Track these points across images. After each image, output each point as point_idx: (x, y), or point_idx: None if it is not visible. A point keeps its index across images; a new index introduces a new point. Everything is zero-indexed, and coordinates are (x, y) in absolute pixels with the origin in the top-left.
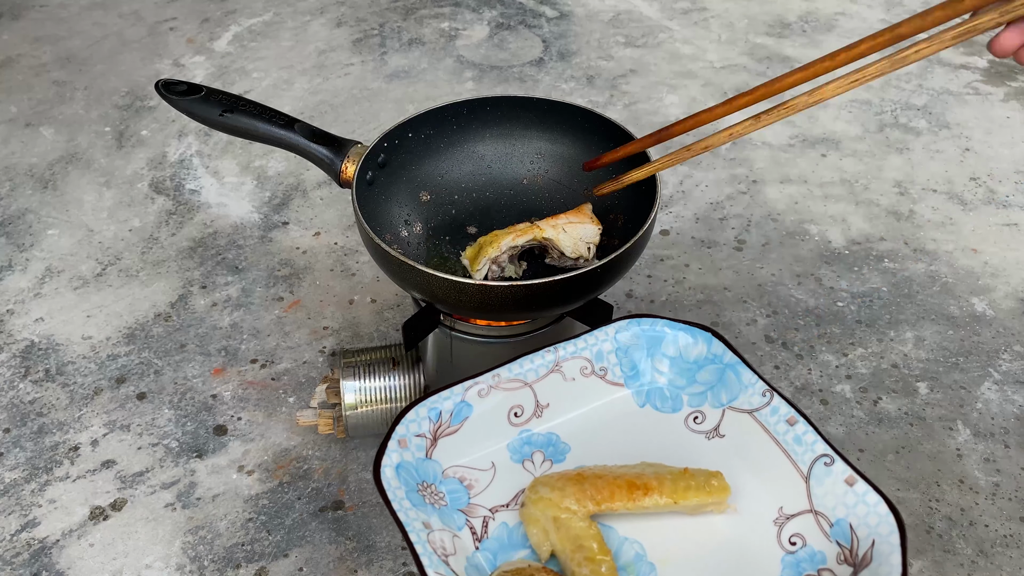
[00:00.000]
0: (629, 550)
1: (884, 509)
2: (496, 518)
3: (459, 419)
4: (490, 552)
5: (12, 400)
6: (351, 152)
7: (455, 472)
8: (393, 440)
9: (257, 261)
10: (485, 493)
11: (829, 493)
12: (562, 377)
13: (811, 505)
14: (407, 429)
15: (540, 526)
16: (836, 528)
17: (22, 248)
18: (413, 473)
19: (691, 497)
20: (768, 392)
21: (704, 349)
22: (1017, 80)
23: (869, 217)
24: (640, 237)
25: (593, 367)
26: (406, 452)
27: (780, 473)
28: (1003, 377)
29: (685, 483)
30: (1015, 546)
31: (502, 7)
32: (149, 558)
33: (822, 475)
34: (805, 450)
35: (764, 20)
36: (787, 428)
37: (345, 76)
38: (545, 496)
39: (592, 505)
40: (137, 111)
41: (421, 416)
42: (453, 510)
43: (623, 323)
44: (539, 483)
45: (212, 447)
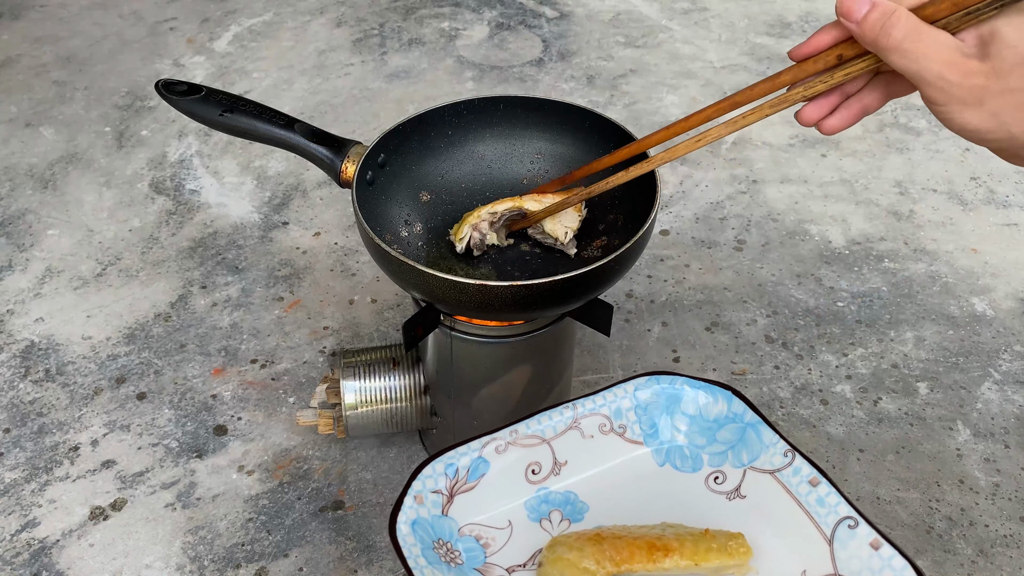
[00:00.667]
0: None
1: (912, 574)
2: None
3: (476, 475)
4: None
5: (12, 400)
6: (351, 152)
7: (471, 530)
8: (409, 496)
9: (257, 261)
10: (502, 552)
11: (854, 557)
12: (580, 434)
13: (835, 569)
14: (423, 485)
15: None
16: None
17: (22, 248)
18: (429, 530)
19: (712, 559)
20: (790, 452)
21: (724, 408)
22: None
23: (869, 217)
24: (640, 237)
25: (612, 424)
26: (422, 508)
27: (803, 535)
28: (1003, 377)
29: (706, 545)
30: (1015, 546)
31: (502, 7)
32: (149, 558)
33: (846, 538)
34: (828, 512)
35: (764, 20)
36: (809, 489)
37: (345, 76)
38: (563, 556)
39: (611, 566)
40: (137, 111)
41: (438, 472)
42: (469, 569)
43: (642, 380)
44: (557, 543)
45: (212, 447)
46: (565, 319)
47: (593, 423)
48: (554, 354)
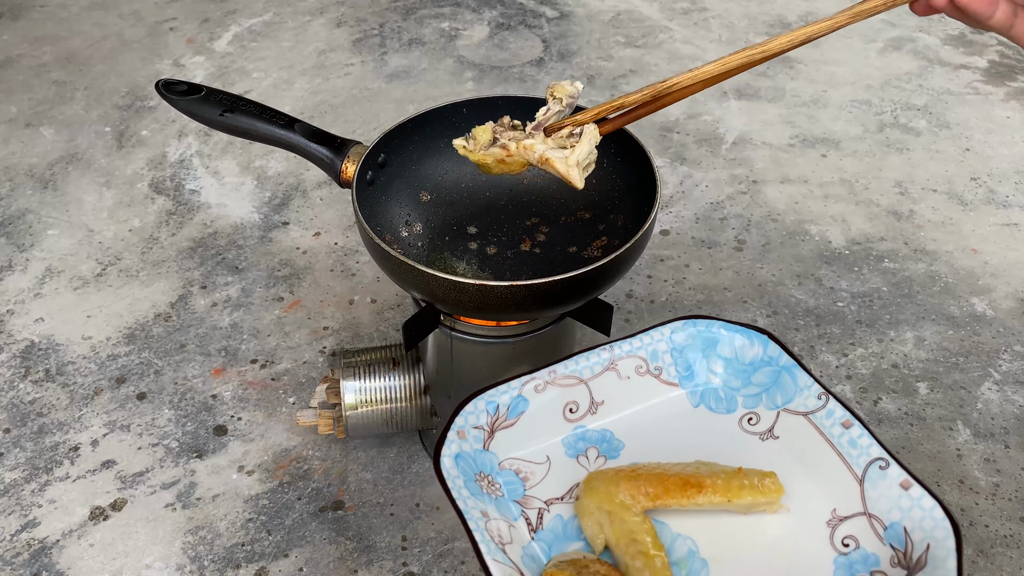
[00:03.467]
0: (682, 546)
1: (940, 513)
2: (551, 510)
3: (515, 413)
4: (545, 543)
5: (12, 400)
6: (351, 152)
7: (511, 464)
8: (452, 430)
9: (257, 261)
10: (540, 486)
11: (884, 496)
12: (617, 375)
13: (865, 508)
14: (466, 420)
15: (594, 519)
16: (890, 531)
17: (22, 248)
18: (471, 463)
19: (745, 496)
20: (824, 395)
21: (760, 351)
22: (1017, 80)
23: (869, 217)
24: (640, 237)
25: (648, 366)
26: (464, 443)
27: (834, 476)
28: (1003, 377)
29: (739, 482)
30: (1015, 546)
31: (502, 7)
32: (149, 558)
33: (877, 478)
34: (860, 453)
35: (764, 20)
36: (842, 431)
37: (345, 76)
38: (600, 490)
39: (646, 500)
40: (137, 111)
41: (479, 408)
42: (509, 501)
43: (678, 324)
44: (594, 477)
45: (212, 447)
46: (565, 319)
47: (630, 364)
48: (554, 354)
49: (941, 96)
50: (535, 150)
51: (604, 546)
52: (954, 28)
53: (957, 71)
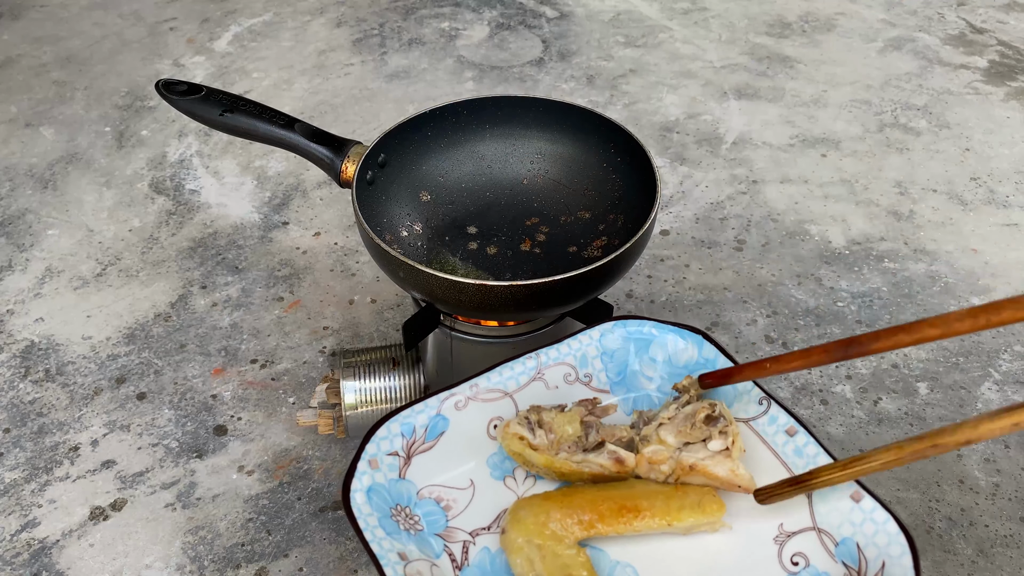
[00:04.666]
0: (622, 574)
1: (894, 528)
2: (477, 543)
3: (434, 434)
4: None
5: (12, 400)
6: (351, 152)
7: (431, 492)
8: (363, 461)
9: (257, 261)
10: (464, 515)
11: (834, 510)
12: (544, 385)
13: (814, 522)
14: (378, 448)
15: (523, 554)
16: (841, 547)
17: (22, 248)
18: (386, 496)
19: (685, 518)
20: (765, 400)
21: (695, 353)
22: (1017, 80)
23: (869, 217)
24: (640, 237)
25: (577, 373)
26: (377, 473)
27: None
28: (1003, 377)
29: (678, 503)
30: (1015, 546)
31: (502, 7)
32: (149, 558)
33: (826, 490)
34: (807, 463)
35: (764, 20)
36: (786, 439)
37: (345, 76)
38: (528, 521)
39: (579, 530)
40: (137, 111)
41: (393, 432)
42: (430, 535)
43: (608, 325)
44: (520, 507)
45: (212, 447)
46: (565, 319)
47: (558, 373)
48: None
49: (941, 96)
50: (685, 461)
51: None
52: (954, 28)
53: (957, 71)
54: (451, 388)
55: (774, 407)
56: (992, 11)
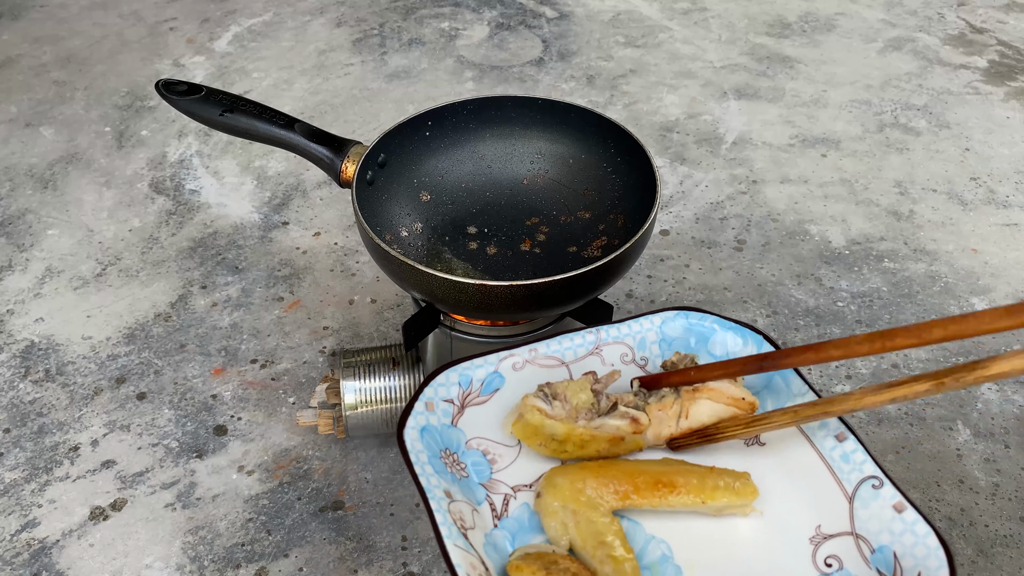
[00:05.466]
0: (655, 549)
1: (934, 542)
2: (518, 498)
3: (490, 389)
4: (509, 532)
5: (12, 400)
6: (351, 152)
7: (479, 444)
8: (420, 402)
9: (257, 261)
10: (508, 470)
11: (874, 517)
12: (600, 361)
13: (853, 528)
14: (435, 392)
15: (558, 519)
16: (878, 555)
17: (22, 248)
18: (437, 438)
19: (719, 497)
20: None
21: (754, 351)
22: (1017, 80)
23: (869, 217)
24: (640, 237)
25: (634, 355)
26: (432, 416)
27: (822, 490)
28: None
29: (713, 482)
30: (1015, 546)
31: (502, 7)
32: (149, 558)
33: (868, 498)
34: (852, 469)
35: (764, 20)
36: (835, 444)
37: (345, 76)
38: (564, 487)
39: (614, 500)
40: (137, 111)
41: (451, 381)
42: (474, 483)
43: (670, 314)
44: (556, 472)
45: (212, 447)
46: (565, 319)
47: (615, 351)
48: None
49: (941, 96)
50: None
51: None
52: (954, 28)
53: (957, 71)
54: (512, 349)
55: None
56: (992, 11)
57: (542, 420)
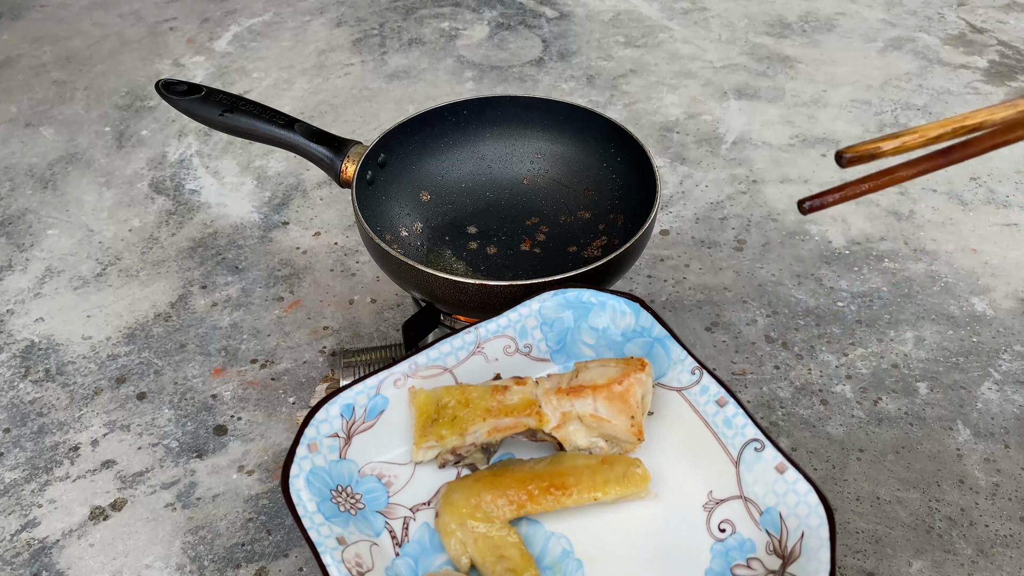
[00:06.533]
0: (556, 547)
1: (814, 499)
2: (417, 518)
3: (374, 413)
4: (411, 558)
5: (12, 400)
6: (351, 152)
7: (372, 469)
8: (302, 446)
9: (257, 261)
10: (405, 491)
11: (759, 480)
12: (484, 359)
13: (741, 491)
14: (317, 431)
15: (456, 537)
16: (766, 516)
17: (22, 248)
18: (326, 479)
19: (611, 490)
20: (698, 370)
21: (632, 321)
22: (1017, 80)
23: (869, 217)
24: (640, 237)
25: (517, 345)
26: (317, 456)
27: (710, 456)
28: (1003, 377)
29: (603, 476)
30: (1015, 546)
31: (502, 7)
32: (149, 558)
33: (752, 460)
34: (735, 433)
35: (764, 20)
36: (717, 409)
37: (345, 76)
38: (460, 504)
39: (510, 510)
40: (137, 111)
41: (332, 415)
42: (371, 512)
43: (547, 295)
44: (452, 489)
45: (212, 447)
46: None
47: (497, 346)
48: None
49: (941, 96)
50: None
51: (470, 566)
52: (954, 28)
53: (957, 71)
54: (390, 367)
55: (706, 377)
56: (992, 11)
57: (426, 393)
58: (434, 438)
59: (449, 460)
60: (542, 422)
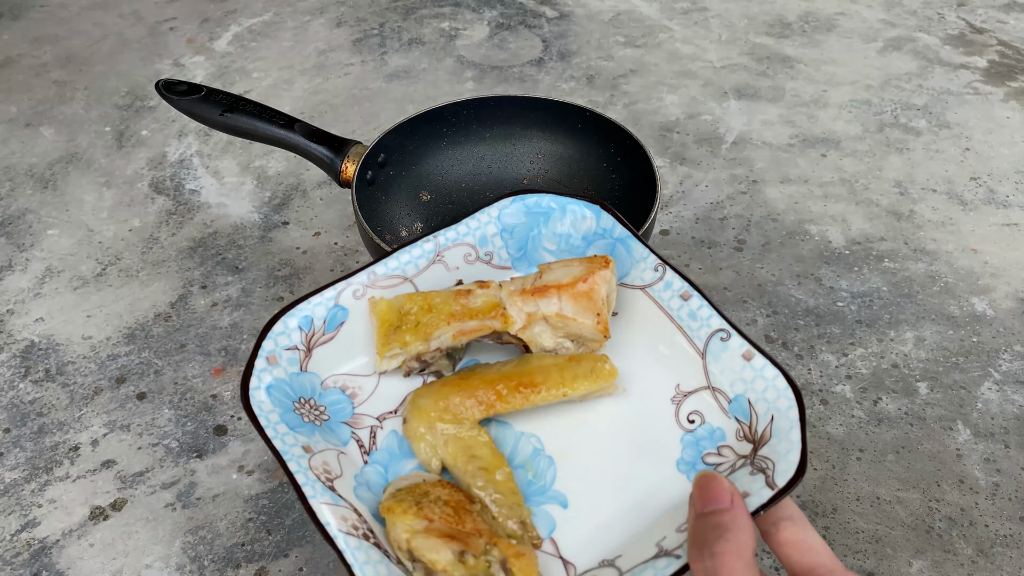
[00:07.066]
0: (526, 446)
1: (783, 383)
2: (384, 427)
3: (334, 324)
4: (380, 464)
5: (12, 400)
6: (351, 152)
7: (335, 382)
8: (260, 358)
9: (257, 261)
10: (371, 401)
11: (726, 369)
12: (445, 267)
13: (708, 382)
14: (275, 344)
15: (426, 441)
16: (734, 404)
17: (22, 248)
18: (288, 391)
19: (580, 387)
20: (661, 267)
21: (593, 223)
22: (1017, 80)
23: (869, 217)
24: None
25: (478, 253)
26: (277, 369)
27: (676, 350)
28: (1003, 377)
29: (572, 372)
30: (1015, 546)
31: (502, 7)
32: (149, 558)
33: (718, 351)
34: (701, 325)
35: (764, 20)
36: (681, 303)
37: (345, 76)
38: (427, 409)
39: (479, 411)
40: (137, 111)
41: (291, 327)
42: (336, 424)
43: (507, 201)
44: (419, 395)
45: (212, 447)
46: None
47: (457, 254)
48: None
49: (941, 96)
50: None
51: (441, 468)
52: (954, 28)
53: (957, 71)
54: (347, 278)
55: (669, 273)
56: (992, 11)
57: (388, 302)
58: (398, 345)
59: (414, 368)
60: (507, 324)
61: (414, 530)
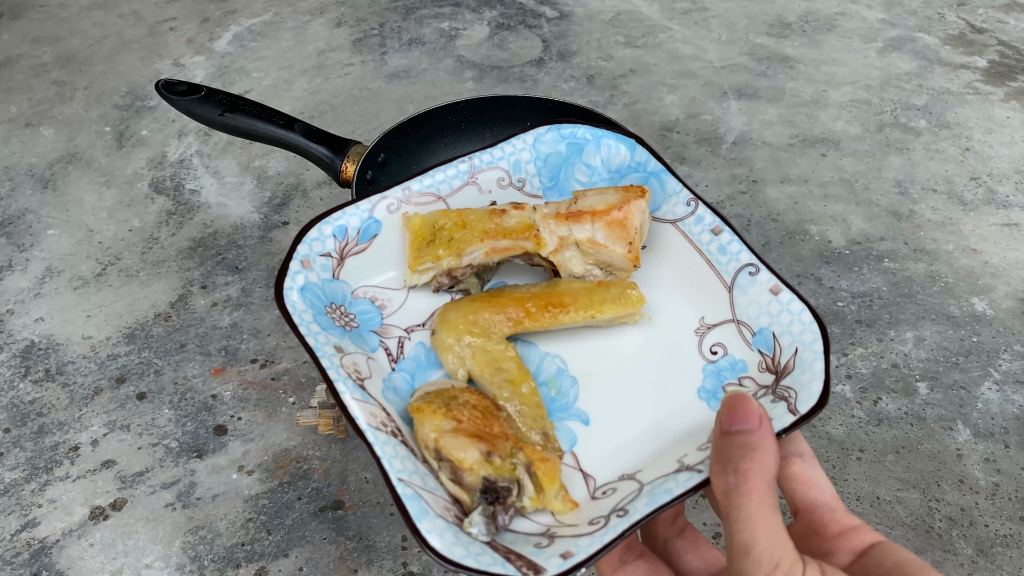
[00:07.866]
0: (551, 365)
1: (808, 317)
2: (412, 339)
3: (367, 236)
4: (407, 372)
5: (12, 400)
6: (351, 152)
7: (365, 292)
8: (295, 260)
9: (257, 261)
10: (399, 314)
11: (753, 303)
12: (478, 190)
13: (734, 315)
14: (310, 248)
15: (454, 352)
16: (758, 337)
17: (22, 248)
18: (320, 295)
19: (607, 310)
20: (693, 201)
21: (627, 157)
22: (1017, 80)
23: (869, 217)
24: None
25: (511, 178)
26: (311, 273)
27: (703, 283)
28: (1003, 377)
29: (600, 296)
30: (1015, 546)
31: (502, 7)
32: (149, 558)
33: (746, 285)
34: (730, 259)
35: (764, 20)
36: (712, 238)
37: (345, 76)
38: (457, 321)
39: (507, 326)
40: (137, 111)
41: (325, 234)
42: (366, 331)
43: (542, 130)
44: (448, 308)
45: (212, 447)
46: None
47: (491, 177)
48: None
49: (941, 96)
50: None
51: (468, 379)
52: (954, 28)
53: (957, 71)
54: (383, 191)
55: (701, 207)
56: (992, 11)
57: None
58: (430, 259)
59: (444, 284)
60: (539, 246)
61: (442, 430)
